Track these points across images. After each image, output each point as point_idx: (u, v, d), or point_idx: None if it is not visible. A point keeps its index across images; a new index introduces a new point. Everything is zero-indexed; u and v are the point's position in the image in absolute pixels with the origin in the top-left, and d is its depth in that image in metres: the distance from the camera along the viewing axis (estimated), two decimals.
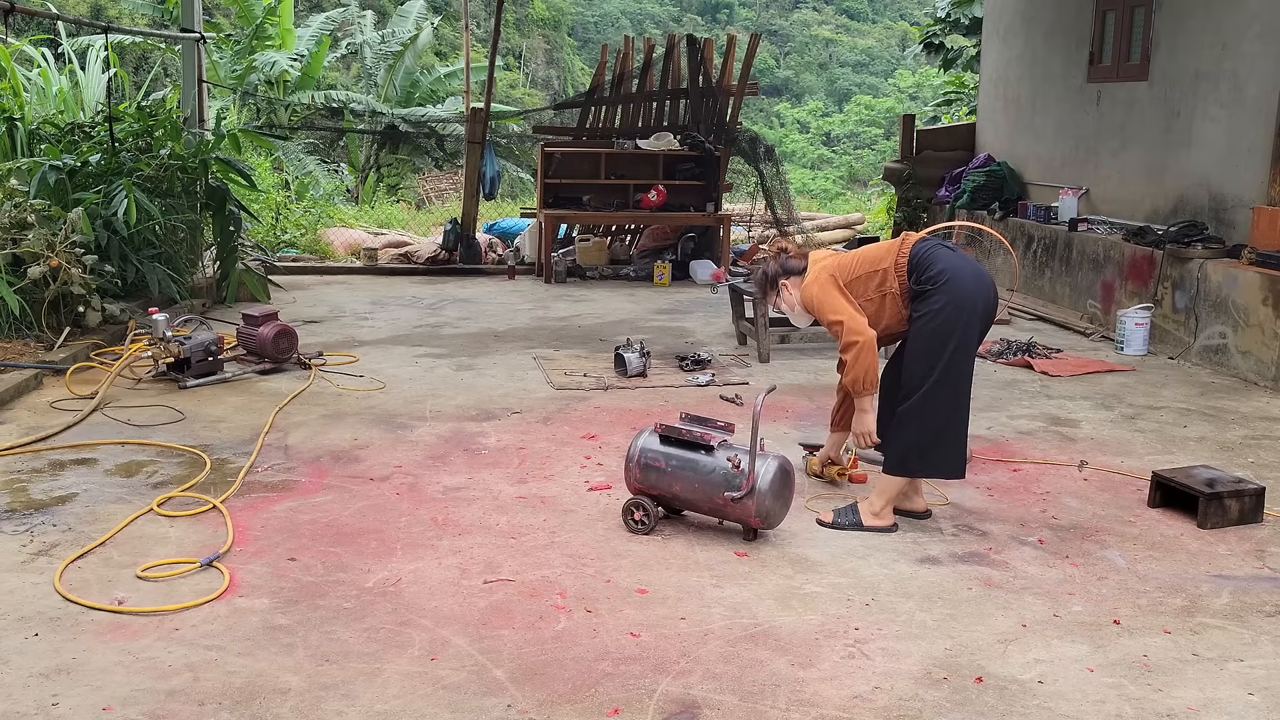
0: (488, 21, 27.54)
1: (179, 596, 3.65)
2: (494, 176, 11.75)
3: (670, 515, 4.42)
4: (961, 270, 4.26)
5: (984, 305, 4.28)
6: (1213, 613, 3.70)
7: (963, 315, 4.22)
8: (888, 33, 41.30)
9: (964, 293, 4.22)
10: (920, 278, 4.29)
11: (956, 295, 4.21)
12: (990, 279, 4.40)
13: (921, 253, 4.32)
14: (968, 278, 4.25)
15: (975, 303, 4.24)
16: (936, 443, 4.28)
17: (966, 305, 4.22)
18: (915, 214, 11.71)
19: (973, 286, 4.25)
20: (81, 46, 13.76)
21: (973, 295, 4.24)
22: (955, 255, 4.34)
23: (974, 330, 4.27)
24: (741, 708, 3.04)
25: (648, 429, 4.40)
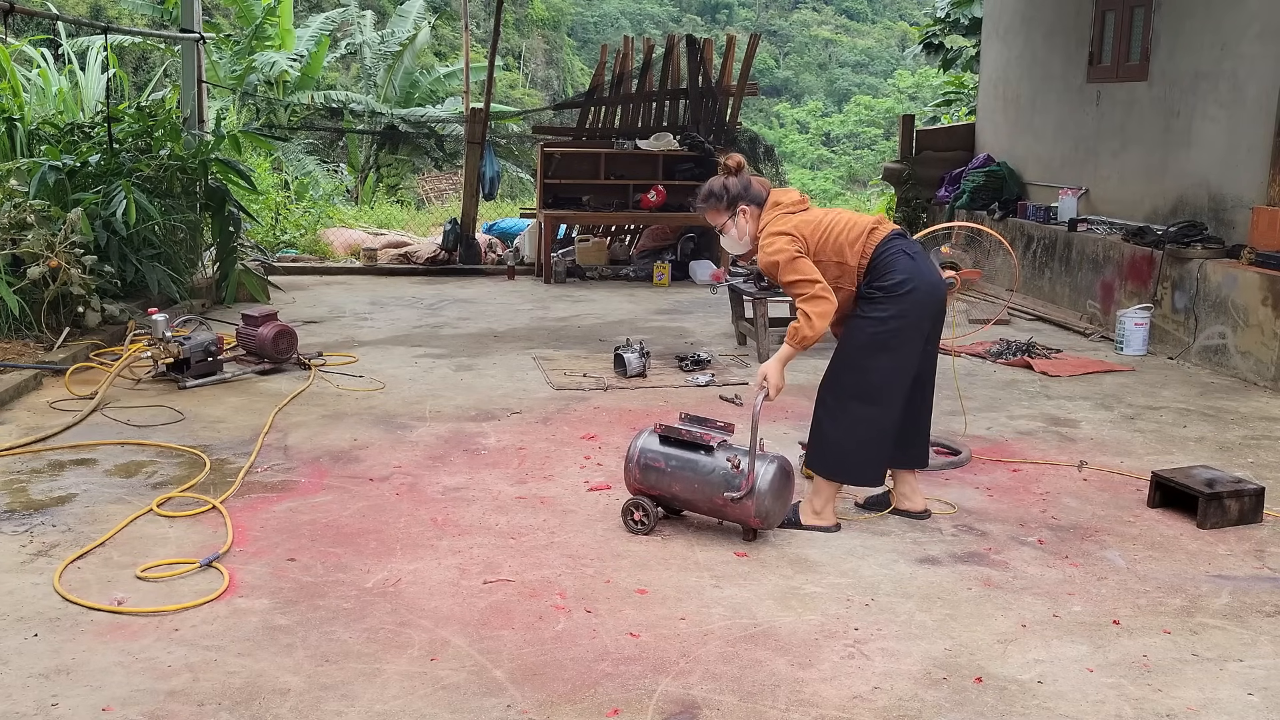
0: (487, 21, 27.54)
1: (179, 597, 3.65)
2: (494, 177, 11.75)
3: (669, 515, 4.42)
4: (917, 281, 4.19)
5: (931, 318, 4.28)
6: (1212, 613, 3.70)
7: (907, 328, 4.20)
8: (887, 33, 41.30)
9: (914, 304, 4.18)
10: (874, 282, 4.22)
11: (906, 308, 4.18)
12: (943, 290, 4.35)
13: (882, 256, 4.21)
14: (922, 291, 4.19)
15: (923, 316, 4.23)
16: (859, 450, 4.26)
17: (913, 317, 4.20)
18: (915, 214, 11.71)
19: (924, 299, 4.21)
20: (81, 47, 13.77)
21: (922, 306, 4.21)
22: (914, 263, 4.24)
23: (916, 344, 4.25)
24: (741, 708, 3.04)
25: (647, 429, 4.40)
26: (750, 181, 4.42)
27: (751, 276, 7.60)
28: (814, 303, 4.12)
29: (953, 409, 6.16)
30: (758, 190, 4.40)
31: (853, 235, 4.24)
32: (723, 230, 4.47)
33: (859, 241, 4.22)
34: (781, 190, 4.45)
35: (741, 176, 4.42)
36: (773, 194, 4.42)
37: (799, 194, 4.43)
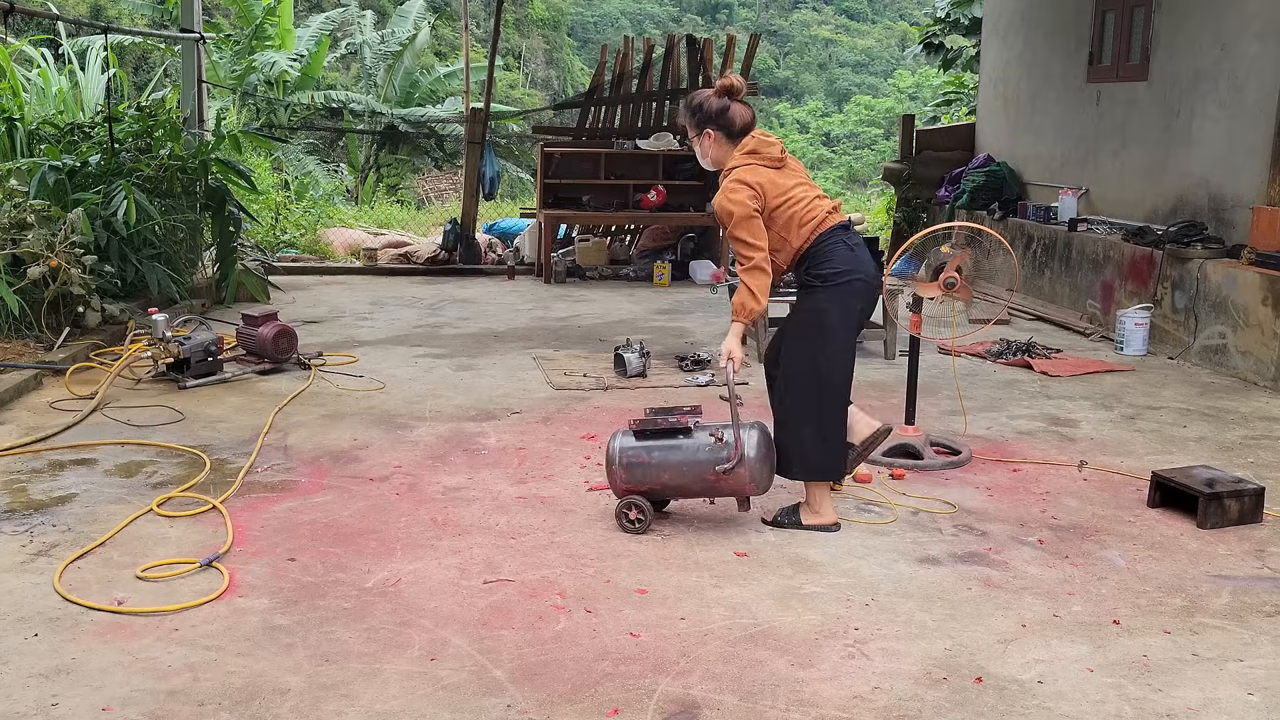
0: (487, 21, 27.54)
1: (179, 597, 3.65)
2: (494, 177, 11.75)
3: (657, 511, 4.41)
4: (856, 273, 4.26)
5: (863, 309, 4.35)
6: (1212, 613, 3.70)
7: (846, 317, 4.27)
8: (887, 33, 41.29)
9: (853, 294, 4.26)
10: (812, 270, 4.29)
11: (844, 298, 4.25)
12: (876, 276, 4.39)
13: (824, 244, 4.27)
14: (860, 283, 4.27)
15: (861, 306, 4.31)
16: (828, 445, 4.31)
17: (852, 306, 4.27)
18: (915, 214, 11.70)
19: (862, 289, 4.29)
20: (81, 47, 13.76)
21: (859, 296, 4.29)
22: (854, 255, 4.30)
23: (854, 332, 4.34)
24: (741, 708, 3.04)
25: (619, 430, 4.37)
26: (730, 108, 4.34)
27: None
28: (755, 275, 4.19)
29: (953, 409, 6.16)
30: (731, 119, 4.33)
31: (806, 218, 4.29)
32: (691, 142, 4.50)
33: (808, 226, 4.29)
34: (764, 139, 4.39)
35: (721, 100, 4.35)
36: (755, 139, 4.36)
37: (780, 149, 4.39)
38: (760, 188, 4.25)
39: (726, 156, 4.39)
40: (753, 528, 4.38)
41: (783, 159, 4.38)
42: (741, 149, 4.36)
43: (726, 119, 4.34)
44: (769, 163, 4.33)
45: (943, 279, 5.18)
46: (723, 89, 4.37)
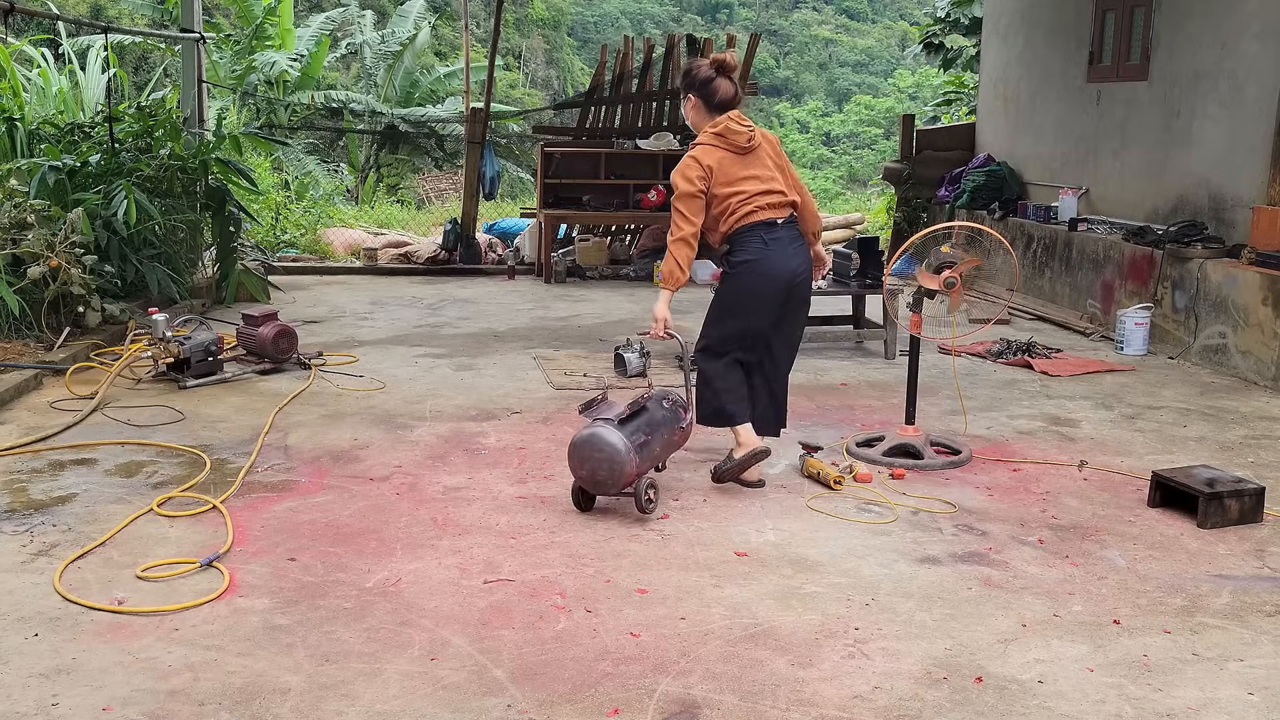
0: (487, 21, 27.53)
1: (179, 596, 3.65)
2: (494, 176, 11.75)
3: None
4: (761, 264, 4.68)
5: (778, 300, 4.73)
6: (1213, 612, 3.70)
7: (750, 299, 4.72)
8: (887, 33, 41.29)
9: (756, 280, 4.70)
10: (729, 256, 4.78)
11: (748, 283, 4.72)
12: (793, 271, 4.73)
13: (744, 235, 4.70)
14: (762, 272, 4.69)
15: (766, 293, 4.71)
16: (724, 395, 4.78)
17: (756, 291, 4.71)
18: (915, 214, 11.70)
19: (765, 278, 4.69)
20: (81, 46, 13.76)
21: (773, 282, 4.70)
22: (766, 249, 4.68)
23: (760, 314, 4.73)
24: (741, 708, 3.04)
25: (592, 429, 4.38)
26: (715, 81, 4.71)
27: None
28: (681, 247, 4.69)
29: (953, 409, 6.16)
30: (713, 91, 4.72)
31: (738, 210, 4.69)
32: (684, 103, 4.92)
33: (734, 218, 4.70)
34: (736, 125, 4.70)
35: (710, 72, 4.72)
36: (728, 122, 4.70)
37: (748, 138, 4.70)
38: (711, 170, 4.65)
39: (702, 124, 4.77)
40: (753, 528, 4.38)
41: (749, 147, 4.70)
42: (714, 126, 4.71)
43: (709, 89, 4.72)
44: (733, 149, 4.68)
45: (943, 277, 5.18)
46: (716, 63, 4.76)
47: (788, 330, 4.85)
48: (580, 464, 4.40)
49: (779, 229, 4.71)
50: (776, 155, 4.82)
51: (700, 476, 4.98)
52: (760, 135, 4.79)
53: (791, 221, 4.79)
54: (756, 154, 4.72)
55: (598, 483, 4.39)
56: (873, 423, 5.90)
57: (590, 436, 4.37)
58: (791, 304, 4.79)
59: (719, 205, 4.69)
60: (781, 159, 4.85)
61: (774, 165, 4.78)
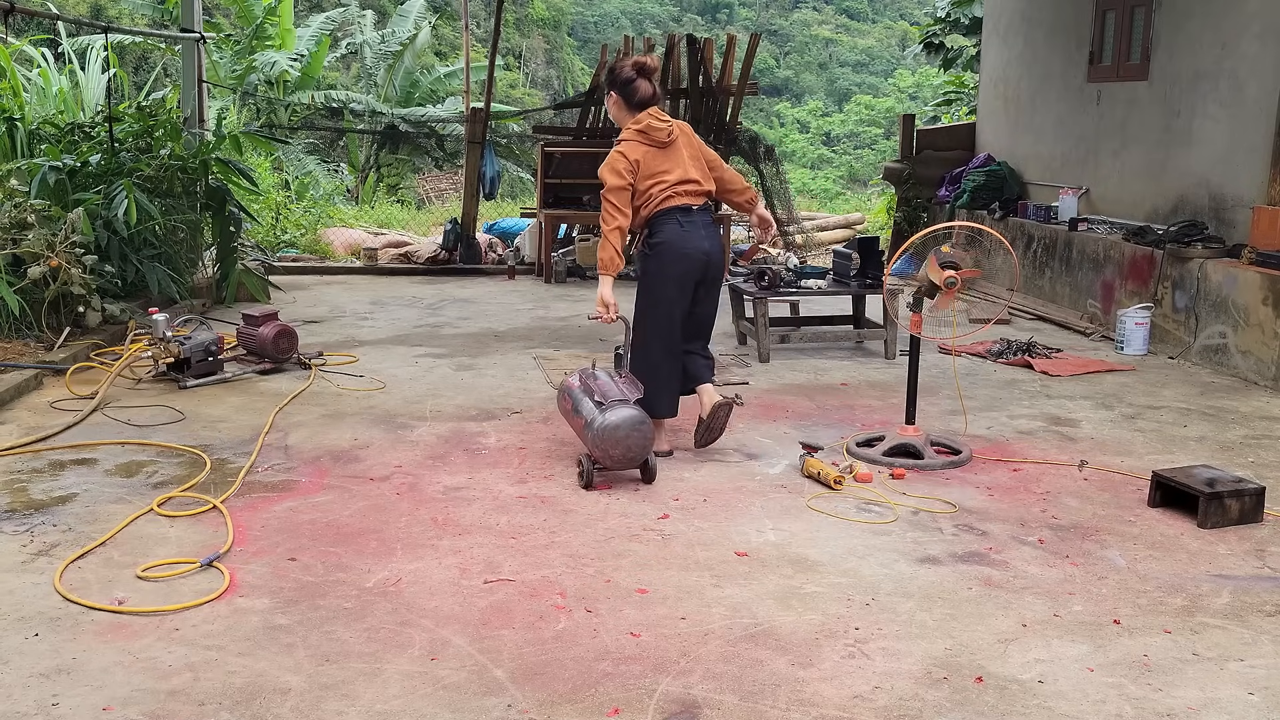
0: (488, 21, 27.53)
1: (179, 596, 3.65)
2: (494, 176, 11.75)
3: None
4: (674, 245, 5.10)
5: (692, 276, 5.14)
6: (1213, 612, 3.70)
7: (665, 279, 5.13)
8: (888, 33, 41.29)
9: (669, 261, 5.11)
10: (647, 240, 5.19)
11: (662, 264, 5.13)
12: (706, 250, 5.14)
13: (660, 219, 5.13)
14: (674, 252, 5.10)
15: (680, 272, 5.11)
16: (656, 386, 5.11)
17: (670, 272, 5.11)
18: (915, 214, 11.70)
19: (678, 257, 5.11)
20: (81, 46, 13.76)
21: (677, 263, 5.11)
22: (681, 230, 5.11)
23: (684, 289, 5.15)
24: (741, 707, 3.04)
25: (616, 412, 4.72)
26: (635, 82, 5.16)
27: (752, 276, 7.60)
28: (616, 235, 5.08)
29: (953, 409, 6.16)
30: (633, 91, 5.17)
31: (656, 198, 5.12)
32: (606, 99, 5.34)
33: (652, 205, 5.13)
34: (657, 121, 5.16)
35: (631, 73, 5.16)
36: (649, 119, 5.16)
37: (668, 133, 5.15)
38: (638, 164, 5.11)
39: (624, 120, 5.23)
40: (753, 528, 4.38)
41: (669, 141, 5.16)
42: (636, 123, 5.17)
43: (630, 89, 5.18)
44: (654, 143, 5.15)
45: (942, 281, 5.18)
46: (637, 65, 5.21)
47: (705, 302, 5.30)
48: (615, 444, 4.68)
49: (693, 214, 5.17)
50: (691, 144, 5.26)
51: (700, 476, 4.98)
52: (678, 128, 5.23)
53: (705, 209, 5.25)
54: (675, 146, 5.18)
55: (630, 459, 4.74)
56: (873, 422, 5.90)
57: (633, 417, 4.71)
58: (706, 281, 5.23)
59: (641, 196, 5.14)
60: (695, 146, 5.28)
61: (689, 155, 5.22)
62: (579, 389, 5.01)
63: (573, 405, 5.00)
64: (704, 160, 5.28)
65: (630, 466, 4.81)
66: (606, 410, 4.72)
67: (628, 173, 5.10)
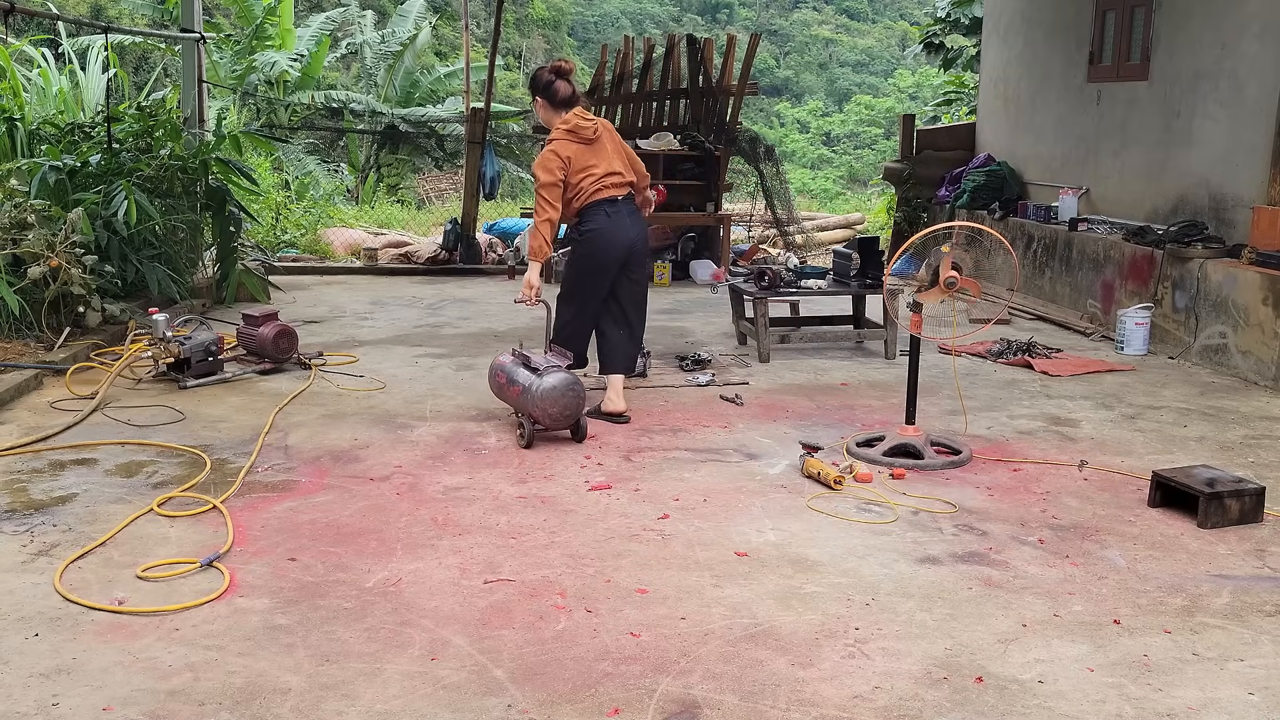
0: (488, 21, 27.54)
1: (179, 596, 3.65)
2: (494, 176, 11.74)
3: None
4: (602, 232, 5.71)
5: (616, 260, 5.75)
6: (1213, 612, 3.70)
7: (593, 262, 5.77)
8: (888, 33, 41.28)
9: (597, 247, 5.73)
10: (578, 227, 5.81)
11: (591, 249, 5.75)
12: (631, 238, 5.75)
13: (590, 209, 5.72)
14: (602, 239, 5.72)
15: (607, 256, 5.74)
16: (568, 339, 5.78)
17: (598, 257, 5.74)
18: (915, 214, 11.70)
19: (605, 244, 5.72)
20: (81, 47, 13.77)
21: (610, 249, 5.73)
22: (608, 219, 5.71)
23: (602, 273, 5.77)
24: (742, 707, 3.04)
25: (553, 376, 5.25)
26: (555, 84, 5.73)
27: (752, 276, 7.60)
28: (546, 227, 5.63)
29: (953, 409, 6.16)
30: (555, 92, 5.74)
31: (587, 190, 5.70)
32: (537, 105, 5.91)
33: (583, 197, 5.71)
34: (582, 120, 5.74)
35: (550, 76, 5.76)
36: (575, 118, 5.73)
37: (594, 130, 5.72)
38: (569, 161, 5.67)
39: (553, 121, 5.77)
40: (753, 528, 4.38)
41: (594, 138, 5.72)
42: (564, 123, 5.72)
43: (551, 91, 5.74)
44: (582, 140, 5.70)
45: (943, 280, 5.18)
46: (554, 68, 5.81)
47: (628, 286, 5.88)
48: (552, 404, 5.24)
49: (619, 204, 5.77)
50: (614, 139, 5.85)
51: (700, 476, 4.98)
52: (601, 125, 5.81)
53: (628, 199, 5.83)
54: (600, 143, 5.74)
55: (566, 416, 5.31)
56: (873, 422, 5.90)
57: (567, 380, 5.27)
58: (630, 264, 5.83)
59: (573, 189, 5.70)
60: (617, 141, 5.87)
61: (613, 150, 5.80)
62: (511, 363, 5.52)
63: (507, 378, 5.48)
64: (625, 154, 5.88)
65: (566, 425, 5.35)
66: (544, 375, 5.25)
67: (559, 170, 5.64)
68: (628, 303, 5.93)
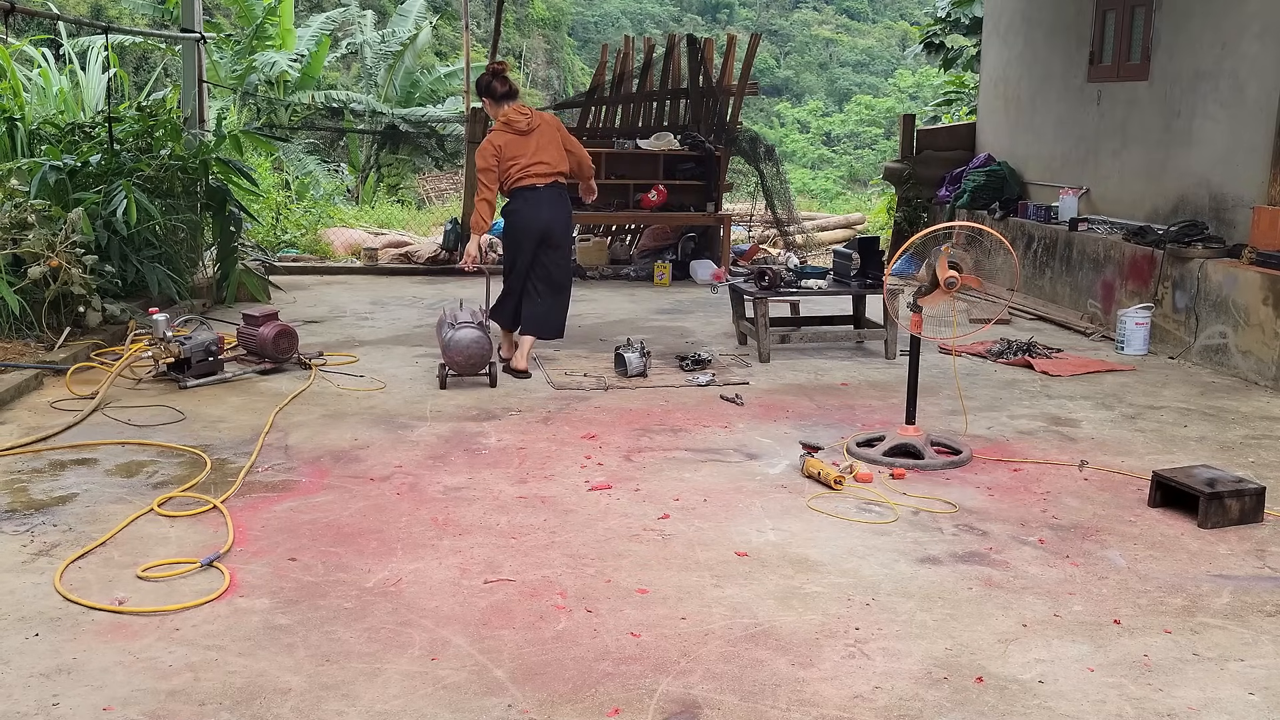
0: (488, 21, 27.53)
1: (179, 596, 3.65)
2: None
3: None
4: (519, 215, 6.70)
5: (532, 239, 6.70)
6: (1213, 612, 3.70)
7: (514, 240, 6.77)
8: (888, 32, 41.27)
9: (515, 227, 6.75)
10: (505, 209, 6.78)
11: (510, 228, 6.79)
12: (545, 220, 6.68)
13: (514, 193, 6.66)
14: (519, 221, 6.70)
15: (524, 235, 6.71)
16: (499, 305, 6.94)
17: (515, 235, 6.75)
18: (915, 214, 11.70)
19: (522, 225, 6.71)
20: (82, 47, 13.77)
21: (526, 229, 6.70)
22: (525, 204, 6.65)
23: (524, 249, 6.73)
24: (742, 707, 3.04)
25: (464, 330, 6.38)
26: (491, 83, 6.66)
27: (752, 276, 7.60)
28: (483, 206, 6.67)
29: (953, 409, 6.16)
30: (493, 90, 6.66)
31: (514, 177, 6.62)
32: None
33: (509, 182, 6.63)
34: (517, 113, 6.63)
35: (484, 78, 6.76)
36: (511, 111, 6.62)
37: (526, 123, 6.61)
38: (500, 149, 6.58)
39: (495, 115, 6.70)
40: (753, 528, 4.38)
41: (528, 129, 6.60)
42: (503, 116, 6.62)
43: (491, 89, 6.67)
44: (515, 131, 6.59)
45: (944, 280, 5.18)
46: (491, 70, 6.77)
47: (546, 261, 6.78)
48: (458, 353, 6.35)
49: (540, 191, 6.66)
50: (552, 134, 6.69)
51: (700, 476, 4.98)
52: (540, 119, 6.70)
53: (553, 185, 6.68)
54: (534, 134, 6.60)
55: (472, 364, 6.41)
56: (873, 422, 5.90)
57: (472, 334, 6.38)
58: (547, 242, 6.75)
59: (503, 175, 6.62)
60: (556, 135, 6.72)
61: (546, 141, 6.64)
62: (445, 319, 6.55)
63: (439, 330, 6.58)
64: (563, 147, 6.73)
65: (473, 371, 6.44)
66: (457, 329, 6.37)
67: (492, 157, 6.58)
68: (540, 278, 6.78)
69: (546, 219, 6.67)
